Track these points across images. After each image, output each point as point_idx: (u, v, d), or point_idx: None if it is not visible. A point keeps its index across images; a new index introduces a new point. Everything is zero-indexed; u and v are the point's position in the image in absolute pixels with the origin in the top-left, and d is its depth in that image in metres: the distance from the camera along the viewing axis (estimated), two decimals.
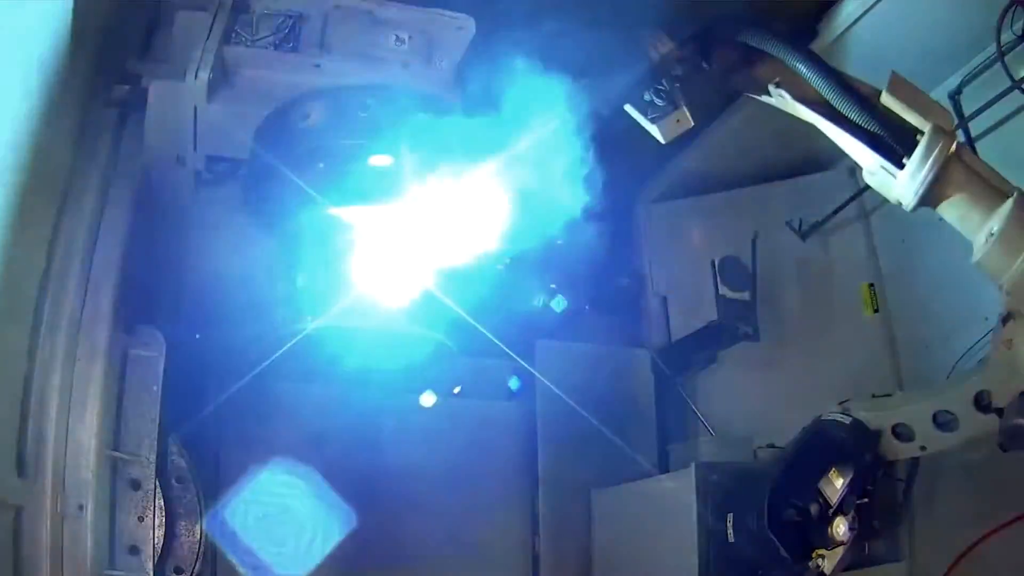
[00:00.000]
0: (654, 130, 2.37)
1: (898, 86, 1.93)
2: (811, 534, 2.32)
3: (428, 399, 3.33)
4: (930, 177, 1.86)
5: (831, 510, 2.30)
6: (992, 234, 1.81)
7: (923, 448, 2.31)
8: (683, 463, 2.92)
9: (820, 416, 2.48)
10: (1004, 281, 1.83)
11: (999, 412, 1.94)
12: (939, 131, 1.87)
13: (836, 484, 2.31)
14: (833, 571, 2.32)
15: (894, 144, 1.95)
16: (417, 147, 1.91)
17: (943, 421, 2.17)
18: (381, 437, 3.32)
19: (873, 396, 2.56)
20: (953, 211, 1.91)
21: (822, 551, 2.30)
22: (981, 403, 2.02)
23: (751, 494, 2.55)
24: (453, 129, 1.92)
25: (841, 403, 2.63)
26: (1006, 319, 1.88)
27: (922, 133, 1.89)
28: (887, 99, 1.94)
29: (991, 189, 1.86)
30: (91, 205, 2.32)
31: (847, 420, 2.39)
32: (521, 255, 2.36)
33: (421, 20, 2.41)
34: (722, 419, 3.51)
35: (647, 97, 2.24)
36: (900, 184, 1.94)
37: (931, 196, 1.92)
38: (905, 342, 3.27)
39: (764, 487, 2.42)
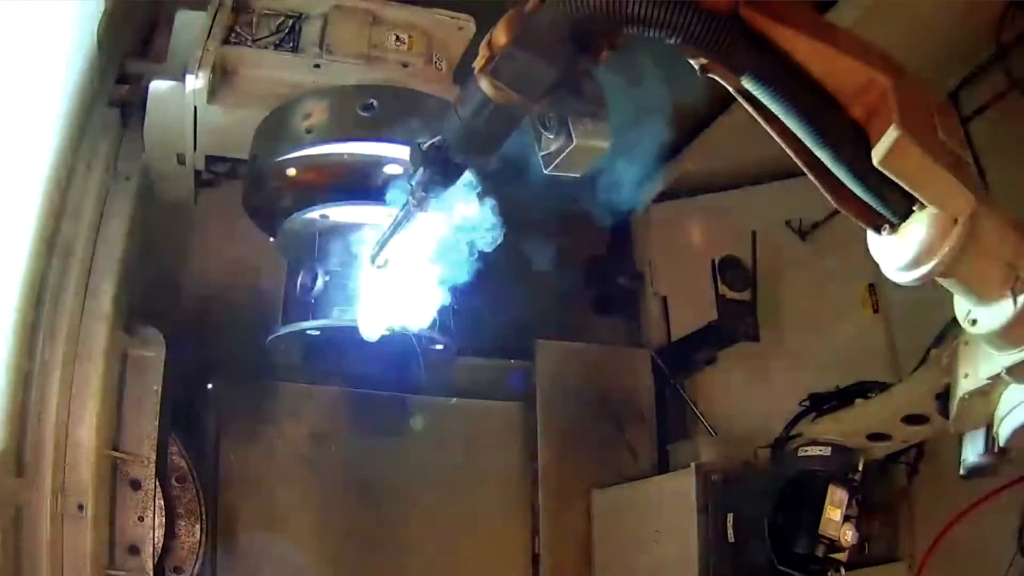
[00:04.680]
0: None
1: (902, 154, 1.21)
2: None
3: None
4: (923, 278, 1.36)
5: (835, 541, 2.30)
6: (974, 322, 1.45)
7: (904, 441, 2.31)
8: (683, 463, 2.92)
9: (795, 451, 2.45)
10: (999, 359, 1.48)
11: None
12: (949, 224, 1.28)
13: (835, 518, 2.31)
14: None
15: (876, 206, 1.35)
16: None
17: (913, 418, 2.15)
18: (381, 436, 3.32)
19: (839, 389, 2.53)
20: (946, 286, 1.45)
21: (837, 556, 2.31)
22: (943, 400, 1.97)
23: (751, 494, 2.56)
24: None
25: (799, 418, 2.62)
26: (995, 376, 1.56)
27: (922, 205, 1.30)
28: (882, 167, 1.24)
29: (998, 275, 1.36)
30: (91, 205, 2.32)
31: (827, 451, 2.37)
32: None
33: (421, 20, 2.42)
34: (722, 419, 3.50)
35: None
36: (878, 252, 1.41)
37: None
38: (905, 342, 3.27)
39: (765, 502, 2.43)
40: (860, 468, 2.36)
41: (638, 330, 3.79)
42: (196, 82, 2.19)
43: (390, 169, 2.07)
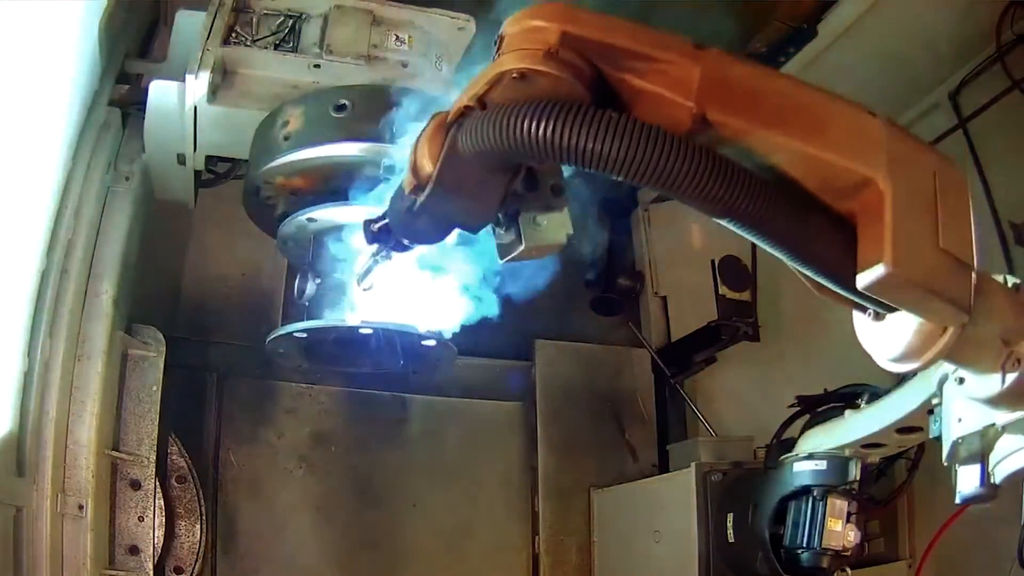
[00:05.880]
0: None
1: (890, 287, 1.09)
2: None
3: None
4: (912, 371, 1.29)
5: (841, 553, 2.30)
6: (961, 380, 1.39)
7: (900, 446, 2.30)
8: (683, 463, 2.92)
9: (790, 466, 2.44)
10: (993, 414, 1.41)
11: None
12: (938, 330, 1.21)
13: (837, 528, 2.30)
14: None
15: (860, 302, 1.24)
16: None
17: (906, 429, 2.14)
18: (381, 436, 3.32)
19: (826, 391, 2.52)
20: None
21: (844, 555, 2.31)
22: (935, 416, 1.94)
23: (751, 494, 2.55)
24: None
25: (789, 422, 2.61)
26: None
27: None
28: (866, 292, 1.12)
29: (990, 353, 1.28)
30: (91, 205, 2.32)
31: (823, 464, 2.36)
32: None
33: (421, 20, 2.42)
34: (722, 419, 3.50)
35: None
36: (863, 334, 1.34)
37: None
38: None
39: (766, 503, 2.42)
40: (857, 475, 2.35)
41: (638, 330, 3.80)
42: (196, 82, 2.19)
43: (370, 169, 2.06)
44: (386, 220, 1.47)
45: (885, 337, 1.26)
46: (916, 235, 1.09)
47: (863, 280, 1.09)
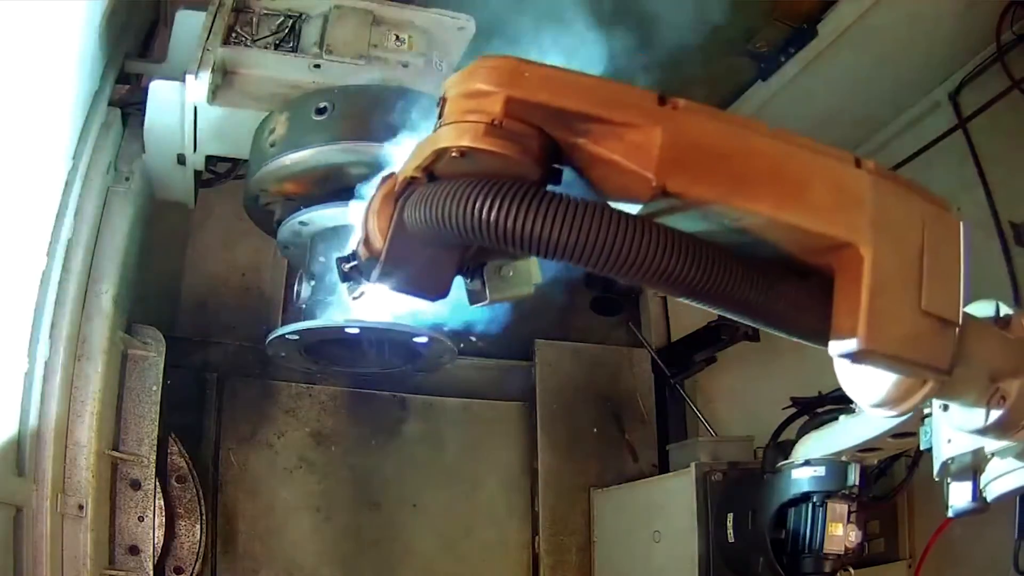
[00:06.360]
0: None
1: (864, 360, 1.06)
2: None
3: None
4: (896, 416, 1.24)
5: (843, 555, 2.30)
6: (946, 407, 1.36)
7: (897, 449, 2.30)
8: (683, 463, 2.92)
9: (789, 472, 2.43)
10: (981, 439, 1.37)
11: None
12: (918, 383, 1.16)
13: (838, 533, 2.29)
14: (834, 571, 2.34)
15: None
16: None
17: (902, 434, 2.14)
18: (381, 436, 3.32)
19: (820, 394, 2.52)
20: None
21: (846, 556, 2.31)
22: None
23: (751, 494, 2.55)
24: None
25: (785, 425, 2.60)
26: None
27: None
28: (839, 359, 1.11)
29: (976, 390, 1.25)
30: (91, 205, 2.32)
31: (821, 471, 2.36)
32: None
33: (421, 20, 2.42)
34: (722, 419, 3.51)
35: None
36: (842, 375, 1.25)
37: None
38: None
39: (766, 504, 2.42)
40: (856, 480, 2.35)
41: (638, 330, 3.80)
42: (196, 82, 2.19)
43: (354, 169, 2.06)
44: (356, 261, 1.42)
45: (864, 381, 1.22)
46: (895, 302, 1.04)
47: (835, 349, 1.04)
